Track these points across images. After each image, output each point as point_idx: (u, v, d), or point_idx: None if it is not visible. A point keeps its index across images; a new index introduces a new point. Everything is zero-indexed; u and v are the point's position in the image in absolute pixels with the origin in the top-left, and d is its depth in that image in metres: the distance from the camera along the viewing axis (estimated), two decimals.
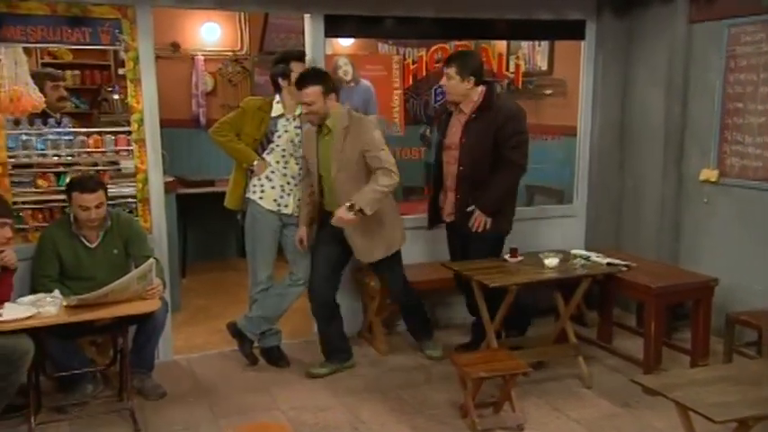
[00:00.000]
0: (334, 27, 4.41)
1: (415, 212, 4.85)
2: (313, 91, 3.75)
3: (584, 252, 4.26)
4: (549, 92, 5.42)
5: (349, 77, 4.57)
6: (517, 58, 5.08)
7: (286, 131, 4.09)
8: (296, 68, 3.96)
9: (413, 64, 4.71)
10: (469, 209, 4.01)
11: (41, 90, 4.02)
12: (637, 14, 4.90)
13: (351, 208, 3.72)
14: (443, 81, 4.04)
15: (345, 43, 4.99)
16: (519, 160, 4.01)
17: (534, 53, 5.37)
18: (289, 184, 4.11)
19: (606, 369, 4.21)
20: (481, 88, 4.01)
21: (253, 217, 4.13)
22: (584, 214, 5.24)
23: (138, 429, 3.46)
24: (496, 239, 4.21)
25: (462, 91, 3.97)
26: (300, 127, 4.08)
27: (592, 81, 5.06)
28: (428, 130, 5.43)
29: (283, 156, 4.10)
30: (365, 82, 4.61)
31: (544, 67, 5.39)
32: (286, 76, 4.01)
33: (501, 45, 5.07)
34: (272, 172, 4.09)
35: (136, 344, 3.75)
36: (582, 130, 5.16)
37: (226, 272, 6.29)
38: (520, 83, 5.06)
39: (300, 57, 4.09)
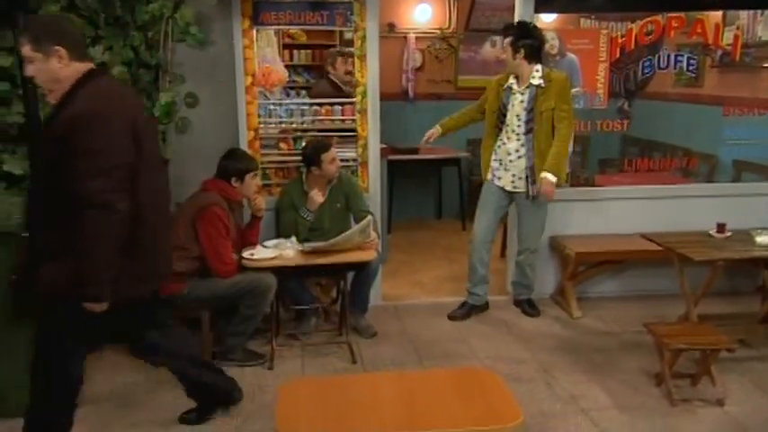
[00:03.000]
0: (545, 3, 4.33)
1: (610, 184, 4.71)
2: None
3: None
4: None
5: (555, 51, 4.46)
6: (737, 28, 4.59)
7: (512, 105, 4.06)
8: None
9: (621, 37, 4.47)
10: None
11: (333, 65, 4.41)
12: None
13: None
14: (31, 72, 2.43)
15: (548, 19, 4.87)
16: (95, 195, 2.27)
17: (755, 23, 4.81)
18: (508, 156, 4.11)
19: None
20: (84, 68, 2.42)
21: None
22: None
23: (355, 361, 3.75)
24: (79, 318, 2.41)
25: (54, 75, 2.38)
26: (528, 100, 4.00)
27: None
28: (626, 104, 5.16)
29: (505, 130, 4.09)
30: (571, 55, 4.46)
31: (766, 37, 4.81)
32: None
33: (716, 15, 4.61)
34: (501, 144, 4.14)
35: (353, 287, 4.04)
36: None
37: (422, 230, 6.53)
38: (738, 55, 4.57)
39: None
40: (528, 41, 3.94)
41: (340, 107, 4.36)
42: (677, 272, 3.67)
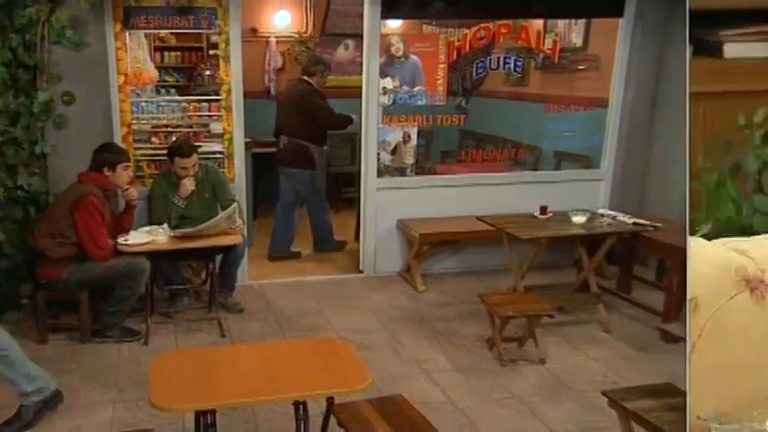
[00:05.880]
0: (390, 9, 4.55)
1: (450, 173, 5.06)
2: None
3: (610, 212, 4.20)
4: (582, 66, 5.30)
5: (400, 54, 4.70)
6: (555, 35, 4.98)
7: None
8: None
9: (457, 41, 4.76)
10: None
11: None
12: None
13: None
14: None
15: (395, 24, 5.12)
16: None
17: (570, 31, 5.26)
18: None
19: (625, 317, 4.19)
20: None
21: None
22: (611, 179, 5.12)
23: (224, 335, 3.93)
24: None
25: None
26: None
27: (627, 56, 4.88)
28: (463, 101, 5.46)
29: None
30: (414, 57, 4.71)
31: (579, 43, 5.27)
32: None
33: (539, 23, 4.98)
34: None
35: (221, 269, 4.21)
36: (614, 101, 4.99)
37: None
38: (556, 58, 5.00)
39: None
40: None
41: (207, 104, 4.50)
42: (507, 249, 3.97)
